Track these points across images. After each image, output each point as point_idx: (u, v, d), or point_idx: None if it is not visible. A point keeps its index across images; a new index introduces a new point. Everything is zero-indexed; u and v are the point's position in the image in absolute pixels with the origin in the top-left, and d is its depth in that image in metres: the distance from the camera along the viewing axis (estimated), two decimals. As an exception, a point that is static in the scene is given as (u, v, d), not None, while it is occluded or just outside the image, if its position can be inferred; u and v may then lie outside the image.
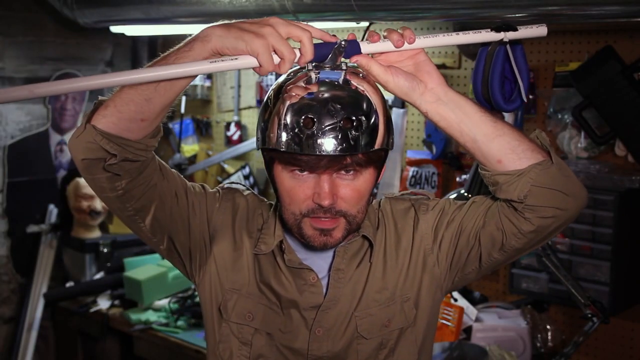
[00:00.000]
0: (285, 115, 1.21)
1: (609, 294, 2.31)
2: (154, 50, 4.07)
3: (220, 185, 1.46)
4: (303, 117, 1.20)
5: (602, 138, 2.41)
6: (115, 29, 3.42)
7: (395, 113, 2.97)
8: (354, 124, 1.20)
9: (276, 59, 1.13)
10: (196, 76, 1.19)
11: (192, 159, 3.96)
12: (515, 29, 1.32)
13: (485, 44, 1.39)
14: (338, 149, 1.19)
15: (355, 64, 1.25)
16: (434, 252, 1.38)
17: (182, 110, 3.84)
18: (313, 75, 1.23)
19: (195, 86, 3.86)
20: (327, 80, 1.23)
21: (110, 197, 1.25)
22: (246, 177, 3.68)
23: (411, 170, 3.02)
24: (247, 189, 1.46)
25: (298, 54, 1.15)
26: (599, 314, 2.24)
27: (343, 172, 1.24)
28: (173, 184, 1.32)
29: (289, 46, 1.13)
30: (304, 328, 1.35)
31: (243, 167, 3.69)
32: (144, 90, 1.14)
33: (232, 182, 1.47)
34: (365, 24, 2.70)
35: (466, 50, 2.76)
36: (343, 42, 1.22)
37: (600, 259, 2.34)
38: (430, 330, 1.42)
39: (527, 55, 1.42)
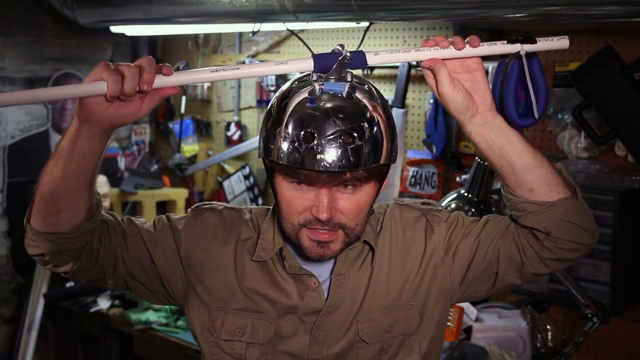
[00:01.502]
0: (287, 126, 1.19)
1: (609, 294, 2.31)
2: (154, 50, 4.07)
3: (191, 207, 1.44)
4: (303, 130, 1.17)
5: (602, 138, 2.40)
6: (115, 29, 3.42)
7: (395, 113, 2.96)
8: (355, 138, 1.17)
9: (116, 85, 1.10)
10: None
11: (192, 159, 3.96)
12: (534, 41, 1.28)
13: (503, 56, 1.34)
14: (338, 164, 1.17)
15: (427, 66, 1.24)
16: (445, 264, 1.37)
17: (182, 110, 3.84)
18: (317, 86, 1.21)
19: (196, 86, 3.86)
20: (330, 92, 1.20)
21: (67, 276, 1.30)
22: (246, 177, 3.68)
23: (411, 170, 3.02)
24: (222, 205, 1.43)
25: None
26: (599, 314, 2.24)
27: (343, 186, 1.23)
28: (125, 238, 1.33)
29: (129, 66, 1.11)
30: (304, 332, 1.34)
31: (243, 167, 3.69)
32: (45, 185, 1.18)
33: (205, 203, 1.44)
34: (365, 24, 2.70)
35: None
36: (348, 53, 1.20)
37: (600, 259, 2.33)
38: (437, 340, 1.41)
39: (527, 55, 1.41)
